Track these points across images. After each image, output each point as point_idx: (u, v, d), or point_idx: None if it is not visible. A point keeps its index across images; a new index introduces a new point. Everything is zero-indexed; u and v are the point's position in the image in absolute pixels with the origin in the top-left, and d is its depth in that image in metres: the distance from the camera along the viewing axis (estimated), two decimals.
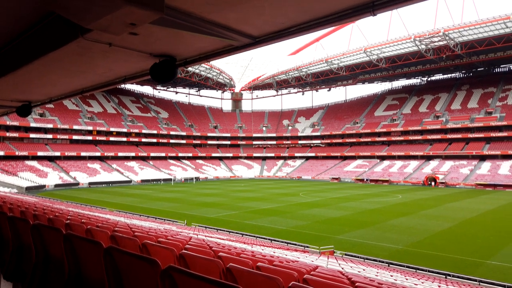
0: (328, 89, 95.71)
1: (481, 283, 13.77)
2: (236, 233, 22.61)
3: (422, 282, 10.96)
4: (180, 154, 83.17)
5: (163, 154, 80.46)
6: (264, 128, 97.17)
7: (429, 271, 15.30)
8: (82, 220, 6.89)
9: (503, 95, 71.52)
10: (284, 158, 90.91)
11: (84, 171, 63.94)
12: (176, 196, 45.14)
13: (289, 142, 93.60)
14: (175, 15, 3.00)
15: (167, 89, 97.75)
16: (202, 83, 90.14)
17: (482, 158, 64.00)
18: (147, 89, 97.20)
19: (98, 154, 70.53)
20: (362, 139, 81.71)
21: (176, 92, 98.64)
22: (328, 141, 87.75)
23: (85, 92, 6.56)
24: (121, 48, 3.96)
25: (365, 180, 66.67)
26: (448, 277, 14.56)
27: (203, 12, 3.06)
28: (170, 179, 68.55)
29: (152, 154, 78.45)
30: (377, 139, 79.35)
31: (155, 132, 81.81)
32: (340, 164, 79.11)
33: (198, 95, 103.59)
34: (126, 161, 73.88)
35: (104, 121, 75.87)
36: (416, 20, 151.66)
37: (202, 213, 31.46)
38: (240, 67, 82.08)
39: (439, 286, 10.55)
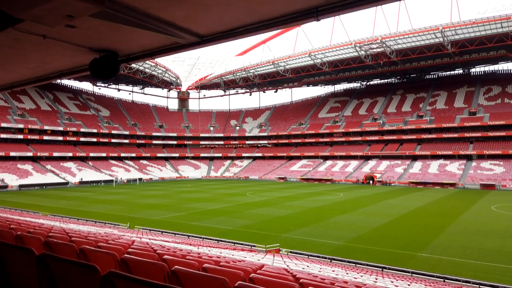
0: (275, 90, 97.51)
1: (413, 274, 14.87)
2: (182, 235, 22.19)
3: (361, 276, 11.58)
4: (122, 154, 79.70)
5: (103, 154, 76.53)
6: (211, 128, 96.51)
7: (367, 265, 16.20)
8: (11, 226, 6.34)
9: (432, 100, 77.98)
10: (232, 158, 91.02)
11: (14, 172, 58.82)
12: (118, 198, 43.21)
13: (236, 142, 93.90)
14: (117, 9, 2.86)
15: (109, 86, 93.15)
16: (147, 80, 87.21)
17: (414, 158, 69.22)
18: (86, 85, 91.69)
19: (30, 154, 65.26)
20: (306, 140, 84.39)
21: (119, 90, 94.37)
22: (275, 141, 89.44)
23: (15, 87, 6.04)
24: (57, 41, 3.70)
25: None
26: (384, 269, 15.52)
27: (148, 8, 2.97)
28: (112, 181, 65.43)
29: (91, 154, 74.27)
30: (321, 139, 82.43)
31: (95, 131, 77.54)
32: (286, 164, 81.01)
33: (142, 93, 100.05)
34: (62, 161, 69.20)
35: (37, 119, 70.39)
36: (357, 27, 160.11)
37: (146, 216, 30.45)
38: (187, 65, 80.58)
39: (376, 279, 11.22)
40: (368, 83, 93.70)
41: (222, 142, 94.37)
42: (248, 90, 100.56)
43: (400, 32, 61.54)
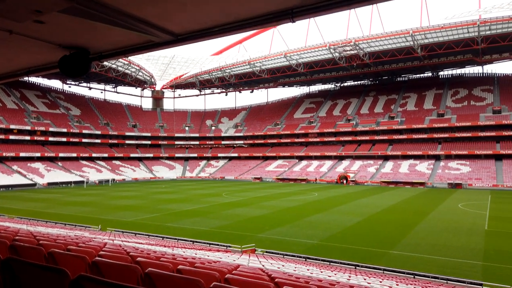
0: (251, 90, 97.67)
1: (385, 271, 15.27)
2: (156, 236, 21.83)
3: (335, 274, 11.78)
4: (94, 155, 77.53)
5: (74, 155, 74.18)
6: (186, 128, 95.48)
7: (341, 263, 16.50)
8: None
9: (403, 101, 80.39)
10: (207, 158, 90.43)
11: None
12: (89, 199, 42.01)
13: (212, 142, 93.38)
14: (89, 5, 2.77)
15: (79, 84, 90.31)
16: (120, 79, 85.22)
17: (386, 158, 71.12)
18: (55, 83, 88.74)
19: None
20: (282, 140, 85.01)
21: (90, 88, 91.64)
22: (251, 141, 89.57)
23: None
24: (24, 37, 3.56)
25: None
26: (357, 267, 15.86)
27: (120, 4, 2.90)
28: (83, 182, 63.53)
29: (61, 155, 71.82)
30: (296, 140, 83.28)
31: (64, 130, 75.03)
32: (262, 164, 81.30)
33: (115, 91, 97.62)
34: (30, 162, 66.55)
35: (3, 117, 67.35)
36: (331, 29, 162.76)
37: (119, 217, 29.75)
38: (161, 64, 79.28)
39: (349, 276, 11.45)
40: (342, 85, 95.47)
41: (197, 142, 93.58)
42: (224, 90, 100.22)
43: (372, 35, 63.07)
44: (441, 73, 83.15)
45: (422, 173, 62.24)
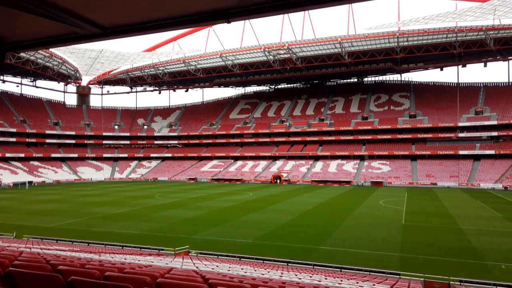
0: (185, 89, 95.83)
1: (315, 267, 16.00)
2: (81, 242, 20.39)
3: (268, 271, 12.05)
4: (8, 155, 70.04)
5: None
6: (116, 127, 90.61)
7: (274, 260, 16.92)
8: None
9: (332, 105, 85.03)
10: (139, 158, 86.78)
11: None
12: (2, 204, 37.85)
13: (144, 142, 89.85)
14: None
15: None
16: (40, 72, 78.06)
17: (316, 158, 74.62)
18: None
19: None
20: (218, 140, 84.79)
21: (4, 81, 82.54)
22: (185, 141, 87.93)
23: None
24: None
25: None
26: (289, 264, 16.40)
27: None
28: None
29: None
30: (232, 140, 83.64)
31: None
32: (197, 165, 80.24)
33: (33, 86, 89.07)
34: None
35: None
36: (266, 32, 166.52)
37: (38, 223, 27.25)
38: (88, 58, 74.15)
39: (282, 273, 11.78)
40: (276, 87, 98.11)
41: (128, 142, 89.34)
42: (157, 88, 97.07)
43: (304, 40, 65.79)
44: (365, 79, 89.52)
45: (349, 172, 66.38)
